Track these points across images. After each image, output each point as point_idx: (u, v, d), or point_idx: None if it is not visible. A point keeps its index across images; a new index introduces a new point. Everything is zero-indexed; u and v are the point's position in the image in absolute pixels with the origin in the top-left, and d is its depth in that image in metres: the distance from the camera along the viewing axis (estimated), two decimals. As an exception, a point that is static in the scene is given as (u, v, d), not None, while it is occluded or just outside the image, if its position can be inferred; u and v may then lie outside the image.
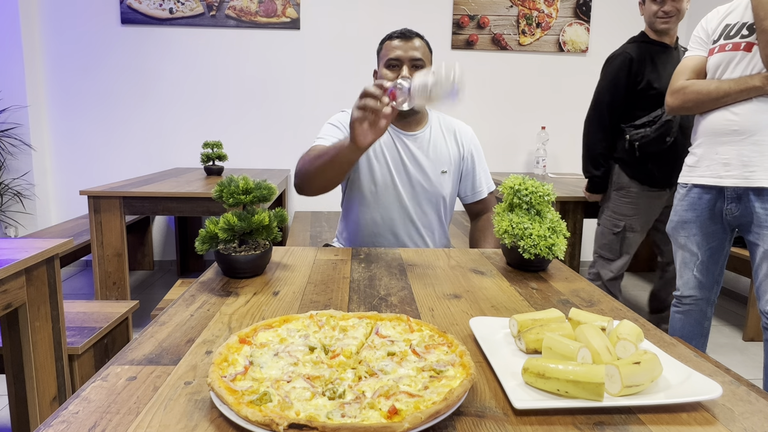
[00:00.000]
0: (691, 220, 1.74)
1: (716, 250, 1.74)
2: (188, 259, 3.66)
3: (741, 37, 1.59)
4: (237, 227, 0.99)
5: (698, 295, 1.78)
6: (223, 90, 3.58)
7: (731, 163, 1.61)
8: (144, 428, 0.52)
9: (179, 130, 3.60)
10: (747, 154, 1.58)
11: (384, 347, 0.66)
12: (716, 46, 1.65)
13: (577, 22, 3.68)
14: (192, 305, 0.87)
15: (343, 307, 0.88)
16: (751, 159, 1.57)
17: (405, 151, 1.51)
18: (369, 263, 1.16)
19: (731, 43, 1.60)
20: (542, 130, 3.63)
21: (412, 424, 0.49)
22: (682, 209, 1.76)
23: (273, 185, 1.06)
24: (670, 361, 0.65)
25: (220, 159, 2.93)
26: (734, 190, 1.62)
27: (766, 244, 1.57)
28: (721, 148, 1.62)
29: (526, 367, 0.60)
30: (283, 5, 3.51)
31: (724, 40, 1.62)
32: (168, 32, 3.48)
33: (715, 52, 1.65)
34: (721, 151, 1.63)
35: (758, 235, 1.59)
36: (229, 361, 0.61)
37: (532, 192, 1.10)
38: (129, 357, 0.68)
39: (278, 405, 0.52)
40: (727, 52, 1.61)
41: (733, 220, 1.66)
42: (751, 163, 1.57)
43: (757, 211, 1.58)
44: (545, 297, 0.95)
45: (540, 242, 1.06)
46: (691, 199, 1.73)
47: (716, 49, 1.64)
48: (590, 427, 0.54)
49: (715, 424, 0.55)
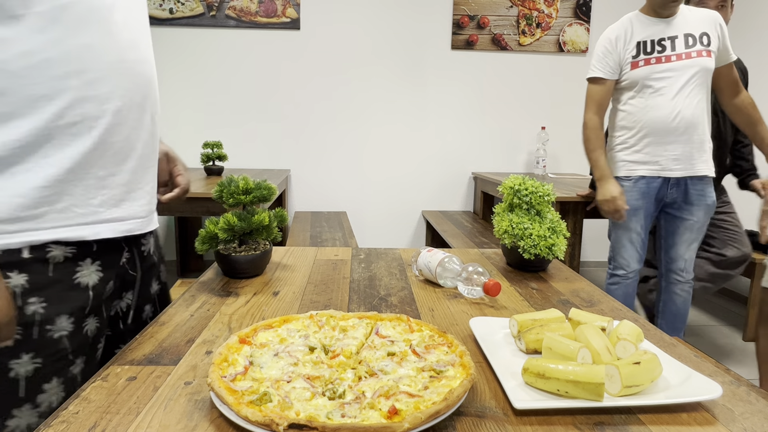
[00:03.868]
0: (640, 207, 2.05)
1: (649, 228, 2.13)
2: (188, 259, 3.66)
3: (658, 53, 1.96)
4: (237, 227, 0.99)
5: (638, 267, 2.14)
6: (223, 90, 3.59)
7: (680, 158, 1.99)
8: (144, 428, 0.52)
9: (179, 130, 3.60)
10: (689, 151, 1.98)
11: (384, 347, 0.66)
12: (639, 60, 1.99)
13: (577, 22, 3.68)
14: (192, 305, 0.87)
15: (343, 307, 0.88)
16: (692, 154, 1.98)
17: None
18: (369, 263, 1.16)
19: (654, 58, 1.97)
20: (542, 131, 3.63)
21: (412, 424, 0.49)
22: (633, 198, 2.05)
23: (273, 185, 1.06)
24: (670, 361, 0.65)
25: (220, 159, 2.93)
26: (678, 178, 2.01)
27: (693, 216, 2.02)
28: (670, 146, 1.98)
29: (526, 367, 0.60)
30: (283, 5, 3.51)
31: (644, 56, 1.98)
32: (168, 32, 3.48)
33: (641, 65, 1.99)
34: (670, 149, 1.98)
35: (687, 211, 2.03)
36: (229, 361, 0.61)
37: (532, 192, 1.10)
38: (129, 357, 0.68)
39: (278, 405, 0.52)
40: (652, 65, 1.97)
41: (670, 201, 2.05)
42: (692, 156, 1.98)
43: (691, 192, 2.01)
44: (545, 297, 0.95)
45: (540, 242, 1.06)
46: (640, 188, 2.04)
47: (641, 63, 1.99)
48: (590, 427, 0.54)
49: (715, 424, 0.55)
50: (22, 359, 0.68)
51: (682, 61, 1.93)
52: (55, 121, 0.69)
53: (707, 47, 1.93)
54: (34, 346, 0.69)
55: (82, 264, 0.74)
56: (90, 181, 0.74)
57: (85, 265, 0.75)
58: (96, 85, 0.72)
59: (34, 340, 0.69)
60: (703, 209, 2.01)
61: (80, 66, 0.70)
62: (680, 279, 2.10)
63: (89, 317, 0.76)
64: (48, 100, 0.68)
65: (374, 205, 3.81)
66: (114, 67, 0.74)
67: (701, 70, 1.92)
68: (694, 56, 1.92)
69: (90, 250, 0.76)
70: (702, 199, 2.01)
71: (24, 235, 0.68)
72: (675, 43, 1.95)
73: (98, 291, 0.77)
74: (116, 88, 0.75)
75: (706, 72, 1.94)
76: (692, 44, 1.94)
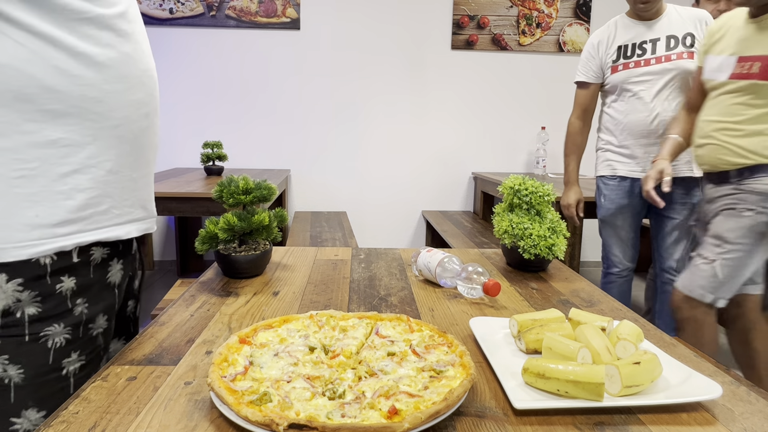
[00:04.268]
0: (627, 205, 2.09)
1: (638, 226, 2.16)
2: (188, 259, 3.66)
3: (637, 56, 1.99)
4: (237, 227, 0.99)
5: (631, 265, 2.17)
6: (223, 90, 3.59)
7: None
8: (144, 428, 0.52)
9: (179, 130, 3.60)
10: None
11: (384, 347, 0.66)
12: (619, 64, 2.03)
13: (577, 22, 3.68)
14: (192, 305, 0.87)
15: (343, 307, 0.88)
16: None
17: None
18: (369, 263, 1.16)
19: (632, 62, 2.00)
20: (542, 131, 3.63)
21: (412, 424, 0.49)
22: (619, 197, 2.09)
23: (273, 185, 1.06)
24: (670, 361, 0.65)
25: (220, 159, 2.93)
26: None
27: (679, 216, 2.02)
28: (651, 148, 2.00)
29: (526, 367, 0.60)
30: (283, 5, 3.51)
31: (624, 60, 2.01)
32: (168, 32, 3.48)
33: (620, 69, 2.02)
34: (651, 150, 2.00)
35: (673, 210, 2.02)
36: (229, 361, 0.61)
37: (532, 192, 1.10)
38: (129, 357, 0.68)
39: (278, 405, 0.52)
40: (631, 69, 2.00)
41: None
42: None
43: (676, 193, 2.00)
44: (545, 297, 0.95)
45: (540, 242, 1.06)
46: (625, 188, 2.08)
47: (620, 67, 2.02)
48: (590, 427, 0.54)
49: (715, 424, 0.55)
50: (72, 357, 0.71)
51: (661, 64, 1.94)
52: (101, 123, 0.71)
53: (689, 48, 1.94)
54: (81, 344, 0.73)
55: (111, 263, 0.77)
56: (125, 183, 0.77)
57: (113, 264, 0.78)
58: (134, 90, 0.75)
59: (80, 339, 0.72)
60: (688, 208, 2.03)
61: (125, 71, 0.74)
62: (672, 278, 2.10)
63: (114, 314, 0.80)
64: (96, 101, 0.70)
65: (374, 205, 3.81)
66: (145, 74, 0.78)
67: (681, 72, 1.93)
68: (673, 59, 1.93)
69: (117, 250, 0.79)
70: (686, 198, 2.02)
71: (74, 237, 0.70)
72: (656, 45, 1.96)
73: (122, 289, 0.82)
74: (146, 95, 0.78)
75: (687, 74, 1.93)
76: (674, 46, 1.95)
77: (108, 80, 0.71)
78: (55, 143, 0.67)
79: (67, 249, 0.69)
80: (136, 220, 0.81)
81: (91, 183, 0.71)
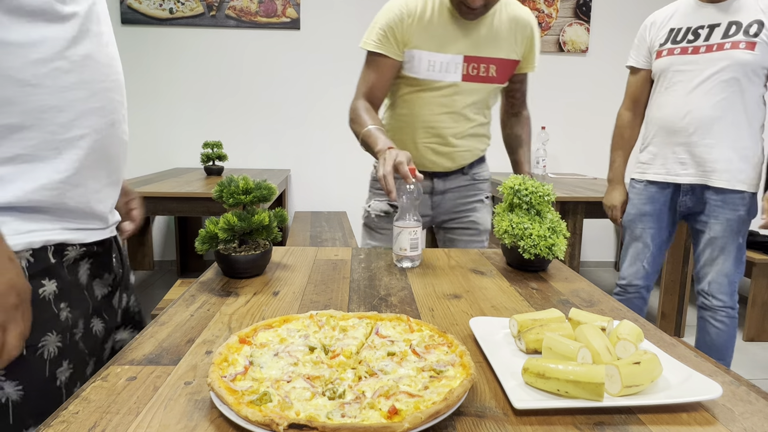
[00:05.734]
0: (649, 213, 1.85)
1: (664, 242, 1.89)
2: (188, 259, 3.66)
3: (687, 42, 1.72)
4: (237, 227, 0.99)
5: (641, 284, 1.91)
6: (223, 90, 3.59)
7: (687, 163, 1.75)
8: (144, 428, 0.52)
9: (179, 130, 3.60)
10: (700, 154, 1.72)
11: (384, 347, 0.66)
12: (664, 49, 1.77)
13: (577, 22, 3.68)
14: (192, 305, 0.87)
15: (343, 307, 0.88)
16: (704, 158, 1.71)
17: None
18: (369, 263, 1.16)
19: (679, 47, 1.73)
20: (542, 130, 3.63)
21: (412, 424, 0.49)
22: (641, 203, 1.87)
23: (273, 185, 1.06)
24: (670, 361, 0.65)
25: (220, 159, 2.93)
26: (690, 185, 1.76)
27: (712, 231, 1.74)
28: (678, 148, 1.75)
29: (526, 367, 0.60)
30: (283, 5, 3.51)
31: (671, 45, 1.75)
32: (168, 32, 3.48)
33: (663, 55, 1.77)
34: (678, 151, 1.76)
35: (705, 224, 1.76)
36: (229, 361, 0.61)
37: (532, 192, 1.10)
38: (129, 357, 0.68)
39: (278, 405, 0.52)
40: (675, 56, 1.74)
41: (685, 210, 1.81)
42: (704, 162, 1.71)
43: (710, 204, 1.73)
44: (545, 297, 0.95)
45: (540, 242, 1.06)
46: (650, 193, 1.85)
47: (664, 53, 1.76)
48: (590, 427, 0.54)
49: (715, 424, 0.55)
50: (63, 366, 0.69)
51: (710, 53, 1.66)
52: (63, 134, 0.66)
53: (752, 38, 1.61)
54: (69, 351, 0.70)
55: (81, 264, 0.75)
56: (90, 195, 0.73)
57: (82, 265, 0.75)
58: (99, 97, 0.70)
59: (68, 346, 0.69)
60: (723, 224, 1.71)
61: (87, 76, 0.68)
62: (707, 304, 1.79)
63: (93, 317, 0.77)
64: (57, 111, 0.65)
65: (374, 205, 3.81)
66: (110, 78, 0.73)
67: (731, 64, 1.62)
68: (727, 48, 1.63)
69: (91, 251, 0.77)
70: (722, 212, 1.71)
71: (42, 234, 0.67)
72: (713, 32, 1.66)
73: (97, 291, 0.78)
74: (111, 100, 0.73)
75: (739, 67, 1.62)
76: (732, 34, 1.63)
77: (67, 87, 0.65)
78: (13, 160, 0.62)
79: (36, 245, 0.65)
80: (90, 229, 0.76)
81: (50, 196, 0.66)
